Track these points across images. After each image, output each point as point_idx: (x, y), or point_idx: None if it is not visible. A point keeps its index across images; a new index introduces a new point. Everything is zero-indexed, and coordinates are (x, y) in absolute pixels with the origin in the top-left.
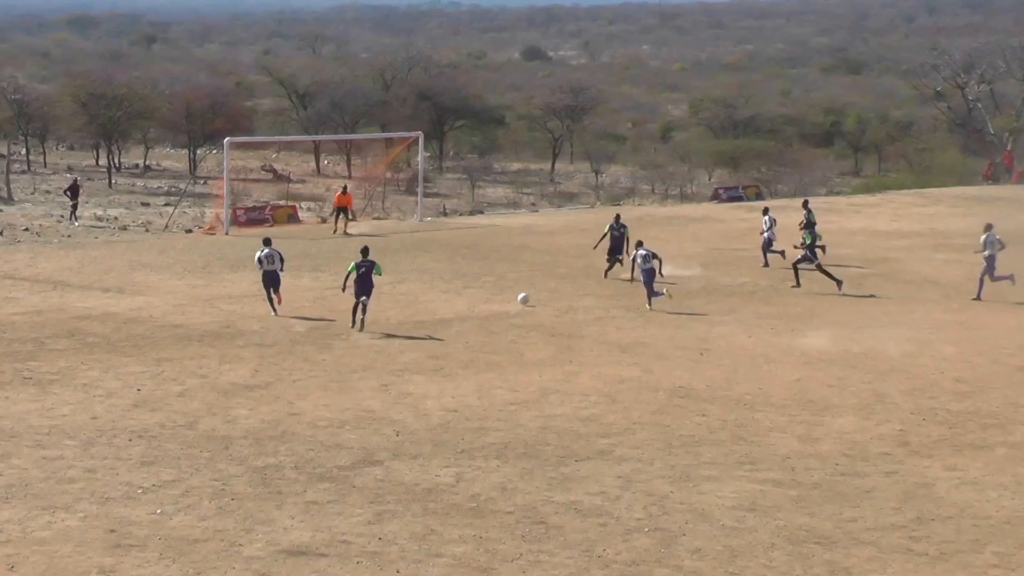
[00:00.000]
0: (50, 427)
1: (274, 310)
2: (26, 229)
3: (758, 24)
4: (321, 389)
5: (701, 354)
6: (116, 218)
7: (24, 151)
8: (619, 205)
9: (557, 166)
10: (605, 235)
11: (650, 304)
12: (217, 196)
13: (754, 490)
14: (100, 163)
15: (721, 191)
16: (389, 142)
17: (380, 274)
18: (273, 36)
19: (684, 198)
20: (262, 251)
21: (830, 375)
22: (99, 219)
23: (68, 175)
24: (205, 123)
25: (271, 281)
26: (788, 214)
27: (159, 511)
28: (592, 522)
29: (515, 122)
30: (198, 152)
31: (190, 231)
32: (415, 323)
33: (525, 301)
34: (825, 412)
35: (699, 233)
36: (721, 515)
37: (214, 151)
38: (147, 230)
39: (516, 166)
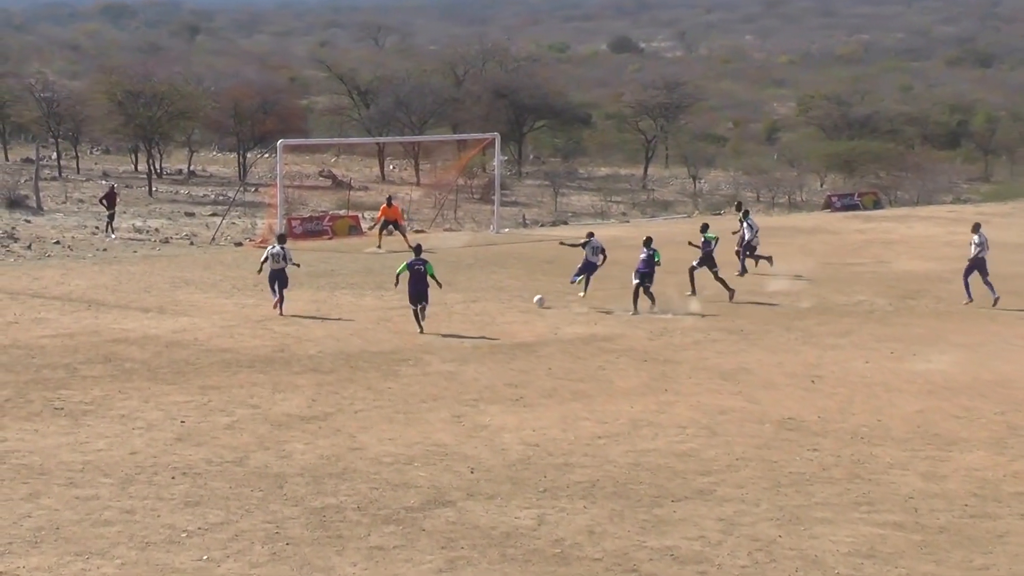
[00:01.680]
0: (84, 463)
1: (280, 310)
2: (57, 242)
3: (875, 11)
4: (386, 421)
5: (812, 382)
6: (157, 230)
7: (54, 155)
8: (719, 214)
9: (650, 171)
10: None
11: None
12: (269, 205)
13: (872, 534)
14: (139, 168)
15: (834, 199)
16: (462, 145)
17: (432, 275)
18: (330, 26)
19: (793, 207)
20: (273, 247)
21: (957, 405)
22: (138, 231)
23: (103, 182)
24: (255, 123)
25: (278, 279)
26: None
27: (205, 557)
28: (690, 570)
29: (602, 122)
30: (248, 156)
31: (239, 244)
32: (491, 347)
33: (541, 303)
34: (952, 447)
35: (809, 246)
36: (836, 562)
37: (266, 155)
38: (191, 243)
39: (604, 171)
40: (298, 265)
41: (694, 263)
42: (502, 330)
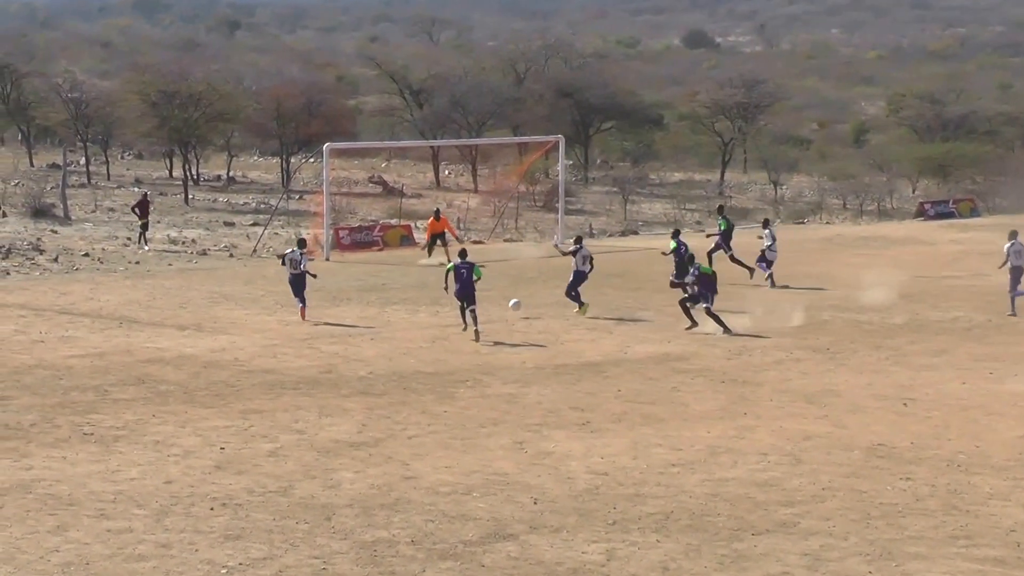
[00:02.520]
0: (115, 493)
1: (303, 314)
2: (86, 254)
3: (971, 3)
4: (442, 447)
5: (904, 405)
6: (194, 241)
7: (83, 161)
8: (802, 223)
9: (727, 176)
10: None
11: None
12: (315, 214)
13: (971, 571)
14: (174, 174)
15: (928, 206)
16: (523, 148)
17: (479, 277)
18: (380, 20)
19: (882, 215)
20: (291, 251)
21: None
22: (173, 242)
23: (135, 189)
24: (299, 126)
25: (299, 285)
26: None
27: None
28: None
29: (675, 123)
30: (291, 161)
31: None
32: (555, 367)
33: (517, 307)
34: None
35: (901, 257)
36: None
37: (311, 159)
38: (231, 255)
39: (677, 176)
40: (314, 276)
41: (672, 278)
42: (567, 349)
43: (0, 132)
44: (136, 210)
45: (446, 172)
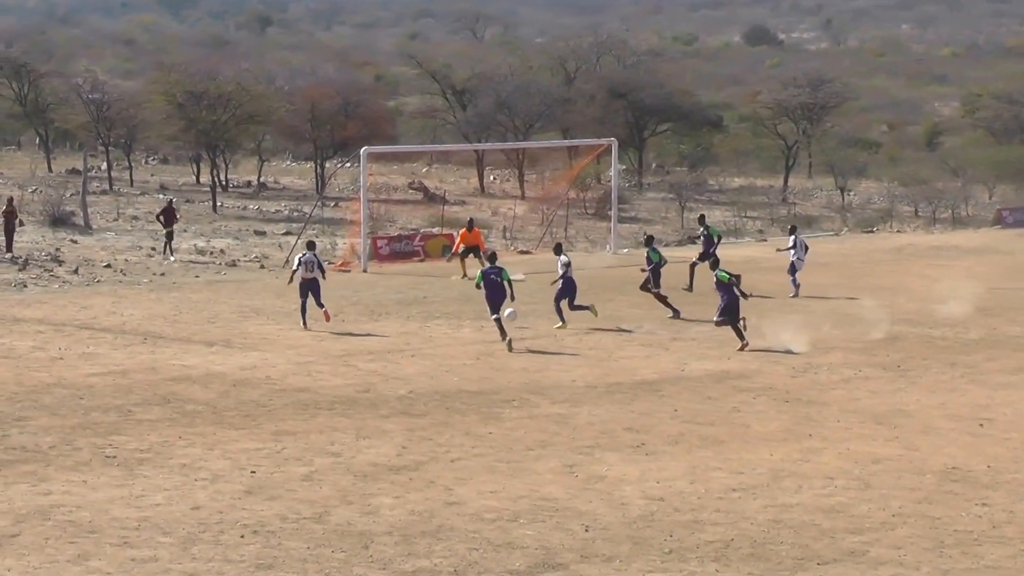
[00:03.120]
0: (140, 520)
1: (304, 323)
2: (108, 265)
3: None
4: (487, 471)
5: (981, 426)
6: (222, 251)
7: (104, 166)
8: (871, 232)
9: (791, 182)
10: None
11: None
12: (351, 222)
13: None
14: (201, 180)
15: (1006, 213)
16: (573, 152)
17: (509, 281)
18: (421, 16)
19: (957, 223)
20: (304, 254)
21: None
22: (200, 252)
23: (160, 196)
24: (335, 128)
25: (310, 289)
26: None
27: None
28: None
29: (735, 125)
30: (326, 166)
31: None
32: (608, 386)
33: (513, 317)
34: None
35: (976, 268)
36: None
37: (347, 164)
38: (262, 266)
39: (737, 182)
40: (322, 275)
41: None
42: (620, 366)
43: (17, 136)
44: (161, 218)
45: (491, 178)
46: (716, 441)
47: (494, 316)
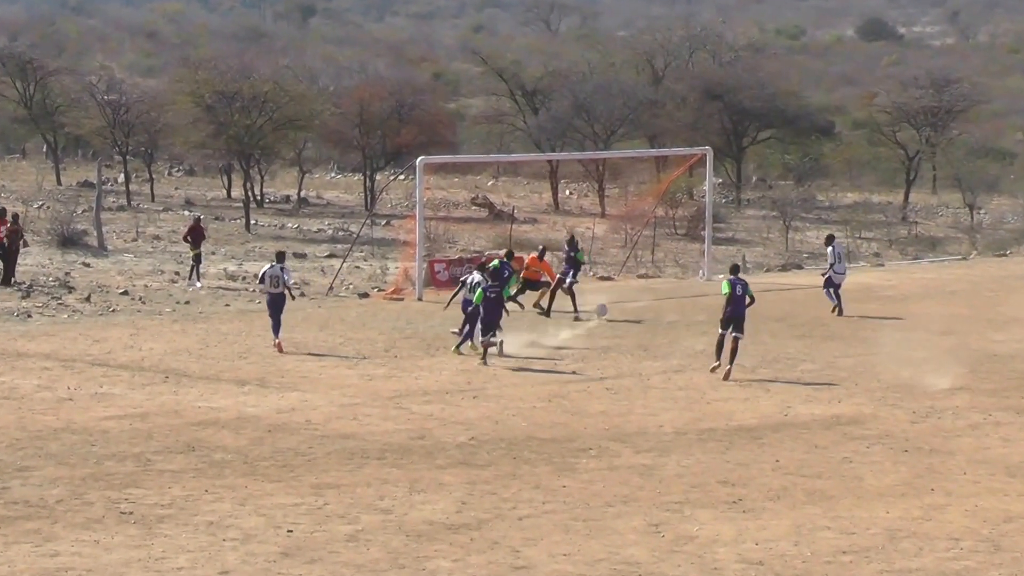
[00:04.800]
0: None
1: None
2: (124, 292)
3: None
4: (560, 530)
5: None
6: (256, 276)
7: (121, 178)
8: (1004, 255)
9: (912, 197)
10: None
11: (476, 341)
12: (406, 243)
13: None
14: (233, 195)
15: None
16: (661, 163)
17: (509, 296)
18: (487, 5)
19: None
20: (270, 267)
21: None
22: (231, 278)
23: (187, 213)
24: (387, 135)
25: (276, 307)
26: None
27: None
28: None
29: (849, 132)
30: (377, 178)
31: (366, 295)
32: (700, 432)
33: (603, 312)
34: None
35: None
36: None
37: (401, 176)
38: (303, 294)
39: (851, 197)
40: (294, 297)
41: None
42: (715, 409)
43: (21, 143)
44: (188, 239)
45: (567, 192)
46: (824, 496)
47: (484, 337)
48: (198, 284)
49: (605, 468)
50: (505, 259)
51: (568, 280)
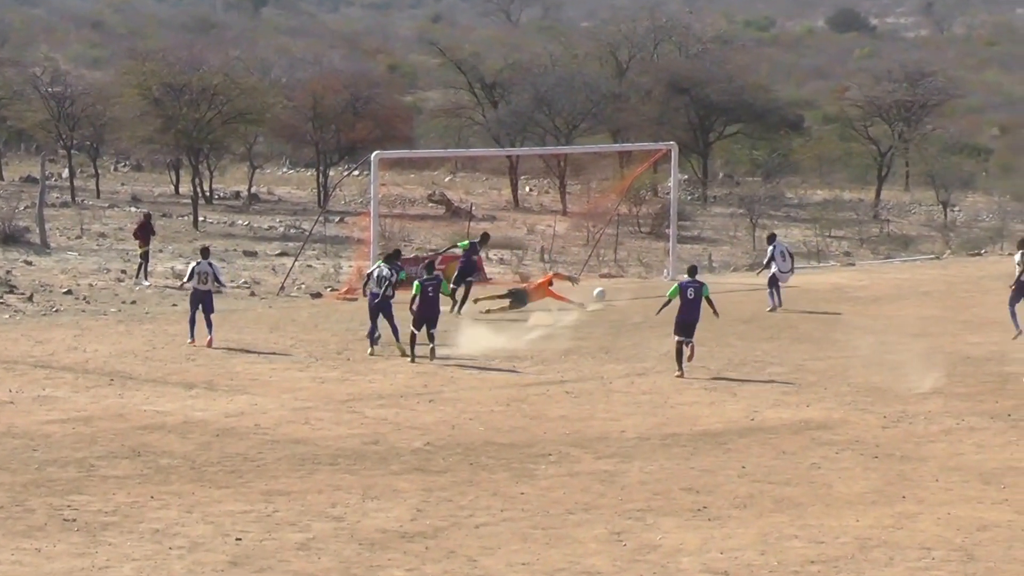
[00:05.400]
0: None
1: (192, 337)
2: (68, 292)
3: None
4: (519, 539)
5: None
6: (184, 274)
7: (66, 173)
8: (979, 254)
9: (884, 195)
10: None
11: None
12: (360, 241)
13: None
14: (181, 191)
15: None
16: (625, 158)
17: (446, 293)
18: None
19: None
20: (198, 263)
21: None
22: (179, 276)
23: (134, 210)
24: (342, 129)
25: (201, 303)
26: None
27: None
28: None
29: (819, 127)
30: (331, 174)
31: (319, 295)
32: (664, 437)
33: (601, 297)
34: None
35: None
36: None
37: (355, 172)
38: (252, 294)
39: (821, 194)
40: (220, 290)
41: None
42: (679, 414)
43: None
44: (139, 235)
45: (527, 188)
46: (792, 504)
47: (415, 331)
48: (146, 283)
49: (565, 474)
50: (479, 241)
51: (471, 279)
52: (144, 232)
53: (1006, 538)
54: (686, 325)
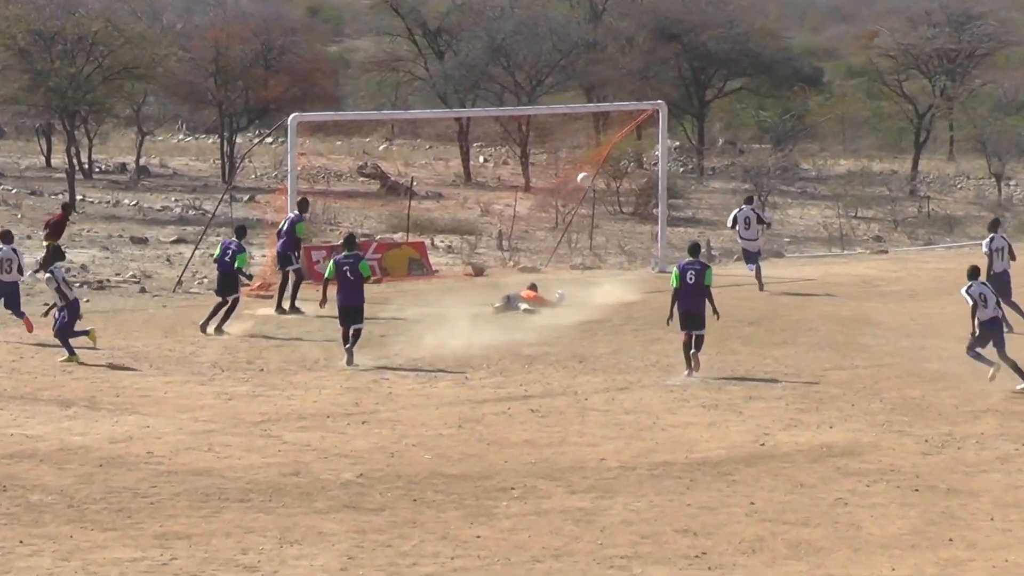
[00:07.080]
0: None
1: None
2: None
3: None
4: None
5: None
6: (84, 267)
7: None
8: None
9: (923, 166)
10: None
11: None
12: (275, 224)
13: None
14: (53, 163)
15: None
16: (601, 121)
17: (367, 275)
18: None
19: None
20: (2, 248)
21: None
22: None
23: None
24: (251, 86)
25: (3, 295)
26: None
27: None
28: None
29: (842, 83)
30: (238, 142)
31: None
32: (653, 467)
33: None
34: None
35: None
36: None
37: (268, 139)
38: (143, 289)
39: (844, 165)
40: (21, 276)
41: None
42: (672, 438)
43: None
44: (49, 227)
45: (480, 159)
46: (812, 549)
47: (344, 328)
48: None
49: (531, 513)
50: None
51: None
52: (58, 229)
53: None
54: (690, 315)
